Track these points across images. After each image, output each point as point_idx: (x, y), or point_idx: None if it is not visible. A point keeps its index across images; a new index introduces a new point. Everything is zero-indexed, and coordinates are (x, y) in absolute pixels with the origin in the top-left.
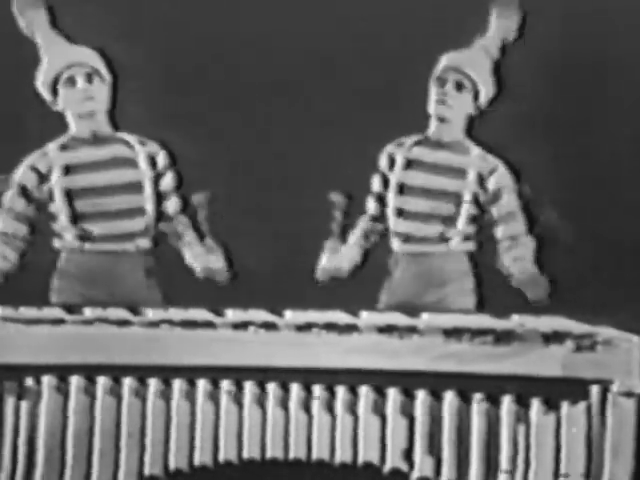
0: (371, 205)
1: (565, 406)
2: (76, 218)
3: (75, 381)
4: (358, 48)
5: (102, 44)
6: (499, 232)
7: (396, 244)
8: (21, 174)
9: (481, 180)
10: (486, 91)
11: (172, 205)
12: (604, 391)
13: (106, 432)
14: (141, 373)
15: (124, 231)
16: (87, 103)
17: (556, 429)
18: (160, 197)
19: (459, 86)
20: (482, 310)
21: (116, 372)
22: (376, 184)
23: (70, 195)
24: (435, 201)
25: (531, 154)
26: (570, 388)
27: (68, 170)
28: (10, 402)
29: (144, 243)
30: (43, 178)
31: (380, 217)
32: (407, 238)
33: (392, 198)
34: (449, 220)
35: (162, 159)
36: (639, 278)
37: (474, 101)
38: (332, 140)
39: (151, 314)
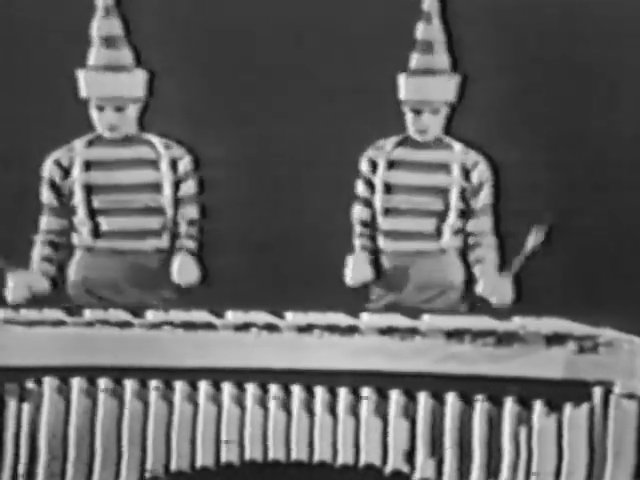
0: (358, 210)
1: (567, 408)
2: (93, 214)
3: (76, 383)
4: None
5: (140, 44)
6: (469, 226)
7: (384, 243)
8: (48, 168)
9: (466, 174)
10: (451, 91)
11: (190, 211)
12: (606, 393)
13: (107, 434)
14: (142, 375)
15: (140, 230)
16: (111, 132)
17: (558, 431)
18: (178, 201)
19: (435, 111)
20: (473, 309)
21: (117, 374)
22: (361, 188)
23: (90, 191)
24: (422, 198)
25: (508, 149)
26: (572, 390)
27: (90, 166)
28: (12, 404)
29: (160, 243)
30: (67, 173)
31: (371, 221)
32: (396, 236)
33: (379, 199)
34: (439, 216)
35: (185, 164)
36: None
37: (446, 106)
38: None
39: (152, 316)
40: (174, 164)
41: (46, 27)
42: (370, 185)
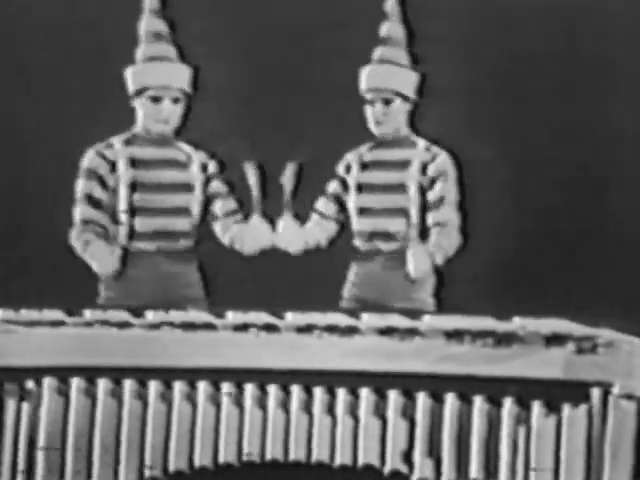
0: (321, 203)
1: (566, 408)
2: (133, 214)
3: (76, 383)
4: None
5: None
6: (429, 218)
7: (359, 242)
8: (90, 160)
9: (424, 169)
10: (411, 87)
11: (221, 208)
12: (605, 394)
13: (106, 434)
14: (142, 375)
15: (173, 230)
16: (162, 125)
17: (557, 431)
18: (208, 201)
19: (387, 101)
20: (441, 309)
21: (116, 374)
22: (333, 186)
23: (133, 190)
24: (389, 197)
25: (473, 146)
26: (571, 390)
27: (133, 163)
28: (11, 404)
29: (189, 243)
30: (112, 167)
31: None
32: (369, 236)
33: (352, 199)
34: (404, 214)
35: (212, 166)
36: None
37: (405, 101)
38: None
39: (151, 316)
40: (204, 167)
41: (91, 25)
42: (343, 184)
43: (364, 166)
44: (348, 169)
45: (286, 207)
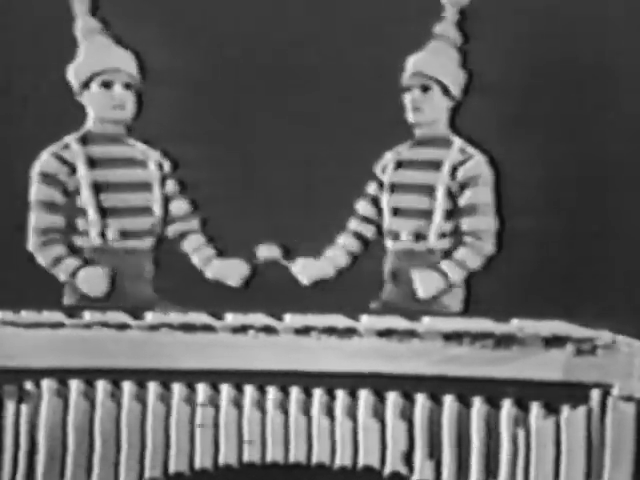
0: (361, 206)
1: (565, 410)
2: (103, 214)
3: (75, 385)
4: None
5: (137, 47)
6: (464, 225)
7: (390, 243)
8: (47, 163)
9: (454, 171)
10: (455, 83)
11: (178, 207)
12: (604, 395)
13: (106, 436)
14: (141, 377)
15: (135, 229)
16: (117, 111)
17: (556, 433)
18: (167, 199)
19: (424, 88)
20: (468, 313)
21: (116, 376)
22: (372, 187)
23: (96, 189)
24: (416, 197)
25: (512, 146)
26: (570, 392)
27: (93, 164)
28: (10, 406)
29: (150, 242)
30: (72, 169)
31: (370, 219)
32: (399, 236)
33: (385, 198)
34: (429, 215)
35: (166, 165)
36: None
37: (446, 96)
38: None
39: (151, 317)
40: (160, 165)
41: (33, 26)
42: (381, 186)
43: (399, 165)
44: (385, 168)
45: None
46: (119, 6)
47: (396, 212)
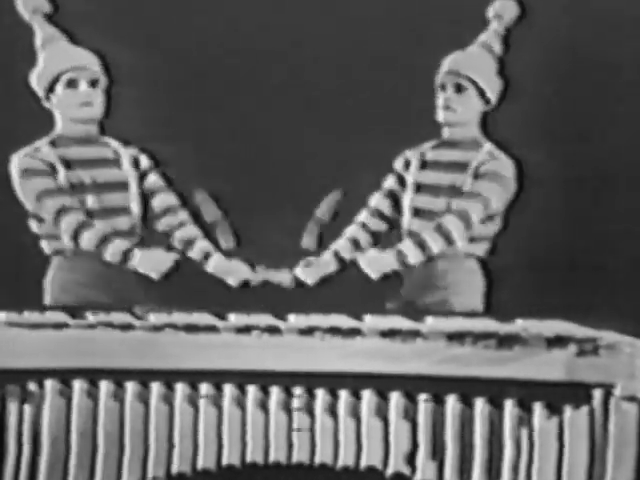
0: (376, 200)
1: (568, 410)
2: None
3: (78, 385)
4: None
5: (99, 46)
6: (453, 204)
7: (409, 243)
8: (25, 162)
9: (477, 170)
10: (491, 88)
11: (160, 202)
12: (607, 395)
13: (109, 436)
14: (144, 377)
15: (112, 231)
16: (85, 109)
17: (559, 433)
18: (145, 197)
19: (459, 88)
20: (489, 314)
21: (119, 376)
22: (390, 182)
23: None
24: (441, 198)
25: (539, 152)
26: (573, 392)
27: (67, 164)
28: (13, 406)
29: (131, 242)
30: (53, 169)
31: (383, 214)
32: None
33: (408, 197)
34: None
35: (144, 161)
36: None
37: (481, 99)
38: (344, 146)
39: (154, 318)
40: (135, 162)
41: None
42: (401, 182)
43: (424, 165)
44: (407, 166)
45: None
46: (78, 12)
47: (418, 213)
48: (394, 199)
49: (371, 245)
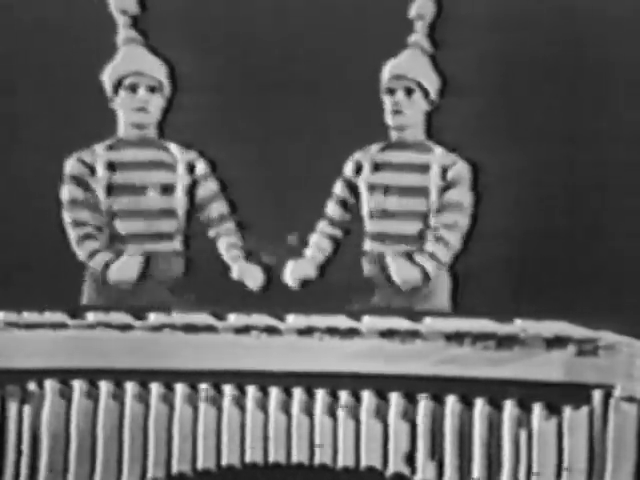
0: (331, 208)
1: (567, 411)
2: (113, 216)
3: (78, 385)
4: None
5: (172, 54)
6: (433, 220)
7: (370, 245)
8: (71, 166)
9: (443, 174)
10: (433, 87)
11: (216, 209)
12: (606, 396)
13: (109, 436)
14: (143, 377)
15: (156, 232)
16: (140, 114)
17: (558, 434)
18: (193, 203)
19: (409, 91)
20: (457, 312)
21: (118, 376)
22: (338, 188)
23: (110, 192)
24: (406, 199)
25: (487, 149)
26: (572, 393)
27: (112, 167)
28: (13, 406)
29: (176, 245)
30: (92, 171)
31: (340, 221)
32: (381, 238)
33: (364, 200)
34: (423, 219)
35: (201, 166)
36: None
37: (425, 99)
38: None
39: (153, 318)
40: (191, 168)
41: (74, 34)
42: (350, 187)
43: (376, 167)
44: (358, 170)
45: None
46: (157, 19)
47: (377, 214)
48: (345, 204)
49: (333, 250)
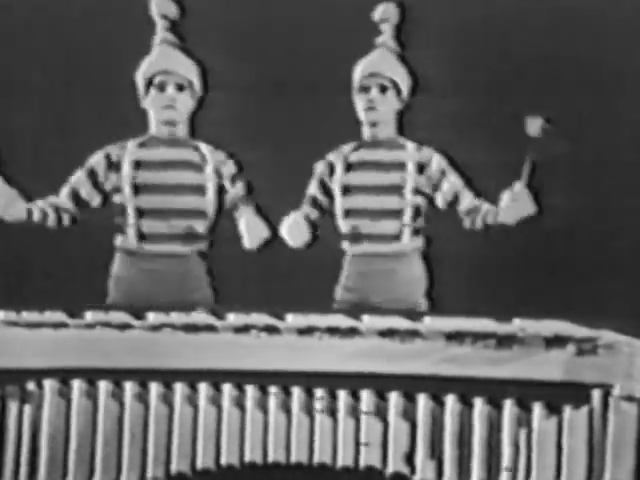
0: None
1: (567, 410)
2: (140, 215)
3: (77, 385)
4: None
5: (204, 56)
6: (460, 210)
7: (346, 245)
8: (94, 159)
9: (420, 169)
10: (404, 85)
11: (243, 213)
12: (606, 395)
13: (108, 436)
14: (143, 377)
15: (183, 232)
16: (168, 111)
17: (558, 433)
18: (221, 203)
19: (383, 89)
20: (434, 310)
21: (118, 376)
22: (313, 188)
23: (137, 191)
24: (380, 197)
25: (461, 143)
26: (572, 392)
27: (139, 165)
28: (13, 406)
29: (202, 246)
30: (112, 166)
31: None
32: (357, 238)
33: (338, 200)
34: (398, 215)
35: (229, 168)
36: None
37: (398, 97)
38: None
39: (152, 318)
40: (219, 168)
41: (106, 34)
42: (323, 187)
43: (349, 167)
44: (331, 170)
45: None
46: (195, 23)
47: (352, 213)
48: (318, 204)
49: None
